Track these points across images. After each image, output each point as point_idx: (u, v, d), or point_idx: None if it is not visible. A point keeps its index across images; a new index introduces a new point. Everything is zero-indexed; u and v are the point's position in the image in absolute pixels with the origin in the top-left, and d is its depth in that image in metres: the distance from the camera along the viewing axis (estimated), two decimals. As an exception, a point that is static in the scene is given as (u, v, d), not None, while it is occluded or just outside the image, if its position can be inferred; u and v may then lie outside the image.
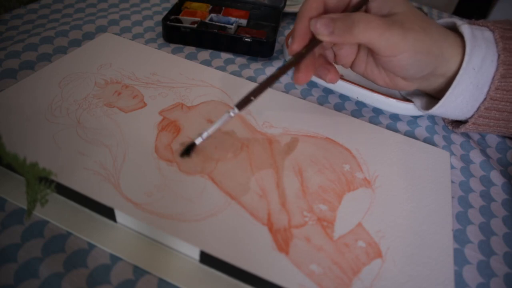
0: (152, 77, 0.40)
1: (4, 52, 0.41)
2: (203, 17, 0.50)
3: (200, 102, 0.38)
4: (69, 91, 0.36)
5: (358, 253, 0.27)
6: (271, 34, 0.49)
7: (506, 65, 0.33)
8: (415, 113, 0.42)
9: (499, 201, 0.35)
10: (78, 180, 0.28)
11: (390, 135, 0.38)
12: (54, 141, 0.31)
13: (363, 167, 0.34)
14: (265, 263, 0.25)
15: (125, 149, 0.31)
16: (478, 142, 0.42)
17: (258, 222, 0.27)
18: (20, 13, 0.49)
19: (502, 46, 0.34)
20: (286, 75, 0.46)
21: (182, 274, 0.25)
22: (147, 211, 0.26)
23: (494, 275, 0.29)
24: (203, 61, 0.46)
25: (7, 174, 0.29)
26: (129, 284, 0.24)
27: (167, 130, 0.34)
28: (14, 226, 0.26)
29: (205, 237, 0.26)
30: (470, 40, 0.34)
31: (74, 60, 0.40)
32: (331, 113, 0.40)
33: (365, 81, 0.44)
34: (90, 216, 0.27)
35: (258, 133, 0.35)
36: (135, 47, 0.44)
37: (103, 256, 0.25)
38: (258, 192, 0.30)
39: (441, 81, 0.36)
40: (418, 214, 0.31)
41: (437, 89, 0.37)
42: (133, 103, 0.36)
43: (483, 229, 0.32)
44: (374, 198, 0.31)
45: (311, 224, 0.28)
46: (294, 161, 0.33)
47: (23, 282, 0.23)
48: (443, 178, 0.34)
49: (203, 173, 0.30)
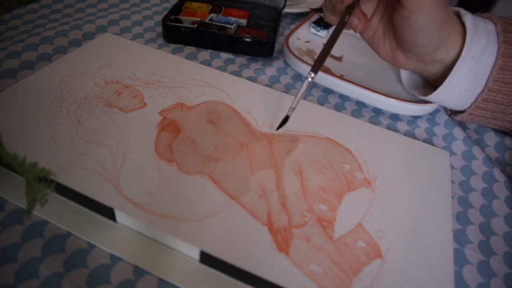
0: (152, 77, 0.40)
1: (4, 52, 0.41)
2: (203, 17, 0.50)
3: (200, 102, 0.38)
4: (69, 91, 0.36)
5: (358, 253, 0.27)
6: (271, 34, 0.49)
7: (506, 57, 0.34)
8: (415, 113, 0.42)
9: (502, 198, 0.35)
10: (78, 180, 0.28)
11: (390, 135, 0.38)
12: (54, 141, 0.31)
13: (363, 167, 0.34)
14: (265, 263, 0.25)
15: (125, 149, 0.31)
16: (477, 141, 0.42)
17: (258, 222, 0.27)
18: (20, 13, 0.49)
19: (503, 38, 0.34)
20: (286, 75, 0.46)
21: (182, 274, 0.25)
22: (147, 211, 0.26)
23: (494, 275, 0.29)
24: (203, 61, 0.46)
25: (7, 174, 0.29)
26: (129, 284, 0.24)
27: (167, 130, 0.34)
28: (14, 226, 0.26)
29: (205, 237, 0.26)
30: (471, 30, 0.34)
31: (74, 60, 0.40)
32: (331, 113, 0.40)
33: (365, 81, 0.44)
34: (90, 216, 0.27)
35: (258, 133, 0.35)
36: (135, 47, 0.44)
37: (103, 256, 0.25)
38: (258, 192, 0.30)
39: (438, 68, 0.37)
40: (418, 214, 0.31)
41: (434, 75, 0.38)
42: (133, 103, 0.36)
43: (483, 229, 0.32)
44: (374, 198, 0.31)
45: (311, 224, 0.28)
46: (294, 161, 0.33)
47: (23, 282, 0.23)
48: (443, 178, 0.34)
49: (203, 173, 0.30)
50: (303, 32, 0.53)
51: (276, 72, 0.46)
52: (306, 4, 0.62)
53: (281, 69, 0.47)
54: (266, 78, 0.45)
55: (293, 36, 0.50)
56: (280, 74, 0.46)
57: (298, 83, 0.45)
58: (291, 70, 0.47)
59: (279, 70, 0.47)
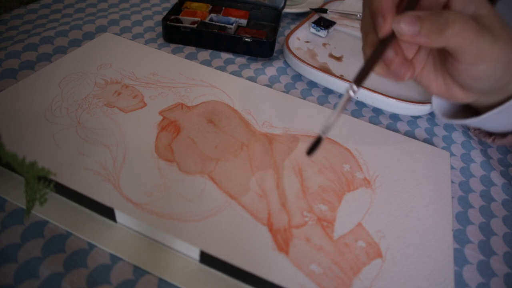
0: (152, 77, 0.40)
1: (4, 52, 0.41)
2: (203, 17, 0.50)
3: (200, 102, 0.38)
4: (69, 91, 0.36)
5: (358, 253, 0.27)
6: (271, 34, 0.49)
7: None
8: (415, 113, 0.42)
9: (499, 201, 0.35)
10: (78, 180, 0.28)
11: (390, 135, 0.38)
12: (54, 141, 0.31)
13: (363, 167, 0.34)
14: (265, 263, 0.25)
15: (125, 149, 0.31)
16: (479, 142, 0.42)
17: (258, 222, 0.27)
18: (20, 13, 0.49)
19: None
20: (286, 75, 0.46)
21: (182, 274, 0.25)
22: (147, 211, 0.26)
23: (494, 275, 0.29)
24: (203, 61, 0.46)
25: (7, 174, 0.29)
26: (129, 284, 0.24)
27: (167, 130, 0.34)
28: (14, 226, 0.26)
29: (205, 237, 0.26)
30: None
31: (74, 60, 0.40)
32: (331, 113, 0.40)
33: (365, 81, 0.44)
34: (90, 216, 0.27)
35: (258, 133, 0.35)
36: (135, 47, 0.44)
37: (103, 256, 0.25)
38: (258, 192, 0.30)
39: (502, 97, 0.32)
40: (418, 214, 0.31)
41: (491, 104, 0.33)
42: (133, 103, 0.36)
43: (483, 229, 0.32)
44: (374, 198, 0.31)
45: (311, 224, 0.28)
46: (294, 161, 0.33)
47: (23, 282, 0.23)
48: (443, 178, 0.34)
49: (203, 173, 0.30)
50: (303, 32, 0.53)
51: (276, 72, 0.46)
52: (306, 4, 0.62)
53: (281, 69, 0.47)
54: (266, 78, 0.45)
55: (293, 36, 0.50)
56: (280, 74, 0.46)
57: (298, 83, 0.45)
58: (291, 70, 0.47)
59: (279, 70, 0.47)
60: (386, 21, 0.26)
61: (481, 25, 0.26)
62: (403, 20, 0.26)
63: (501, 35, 0.27)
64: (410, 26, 0.26)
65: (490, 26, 0.27)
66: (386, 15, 0.26)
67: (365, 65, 0.27)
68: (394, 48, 0.28)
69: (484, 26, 0.27)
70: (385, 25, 0.27)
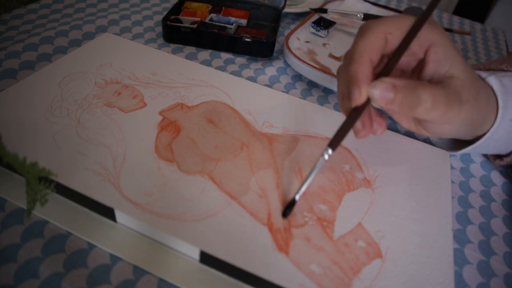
0: (152, 77, 0.40)
1: (4, 52, 0.41)
2: (203, 17, 0.50)
3: (200, 102, 0.38)
4: (69, 91, 0.36)
5: (358, 253, 0.27)
6: (271, 34, 0.49)
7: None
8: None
9: (499, 201, 0.35)
10: (78, 180, 0.28)
11: (390, 135, 0.38)
12: (54, 141, 0.31)
13: (363, 167, 0.34)
14: (265, 263, 0.25)
15: (125, 149, 0.31)
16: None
17: (258, 222, 0.27)
18: (20, 13, 0.49)
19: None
20: (286, 75, 0.46)
21: (182, 274, 0.25)
22: (147, 211, 0.26)
23: (494, 275, 0.29)
24: (203, 61, 0.46)
25: (7, 174, 0.29)
26: (129, 284, 0.24)
27: (167, 130, 0.34)
28: (14, 226, 0.26)
29: (205, 237, 0.26)
30: (502, 93, 0.32)
31: (74, 60, 0.40)
32: (331, 113, 0.40)
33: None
34: (90, 216, 0.27)
35: (258, 133, 0.35)
36: (135, 47, 0.44)
37: (103, 256, 0.25)
38: (258, 192, 0.30)
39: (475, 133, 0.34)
40: (418, 214, 0.31)
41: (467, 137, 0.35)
42: (133, 103, 0.36)
43: (483, 229, 0.32)
44: (374, 198, 0.31)
45: (311, 224, 0.28)
46: (294, 161, 0.33)
47: (23, 282, 0.23)
48: (443, 178, 0.34)
49: (203, 173, 0.30)
50: (303, 32, 0.53)
51: (276, 72, 0.46)
52: (306, 4, 0.62)
53: (281, 69, 0.47)
54: (266, 78, 0.45)
55: (293, 36, 0.50)
56: (280, 74, 0.46)
57: (298, 83, 0.45)
58: (291, 70, 0.47)
59: (279, 70, 0.47)
60: (361, 94, 0.27)
61: (451, 93, 0.27)
62: (379, 87, 0.26)
63: (468, 100, 0.28)
64: (385, 92, 0.26)
65: (459, 90, 0.28)
66: (361, 86, 0.27)
67: (340, 131, 0.28)
68: (362, 119, 0.29)
69: (454, 94, 0.27)
70: (360, 97, 0.27)
